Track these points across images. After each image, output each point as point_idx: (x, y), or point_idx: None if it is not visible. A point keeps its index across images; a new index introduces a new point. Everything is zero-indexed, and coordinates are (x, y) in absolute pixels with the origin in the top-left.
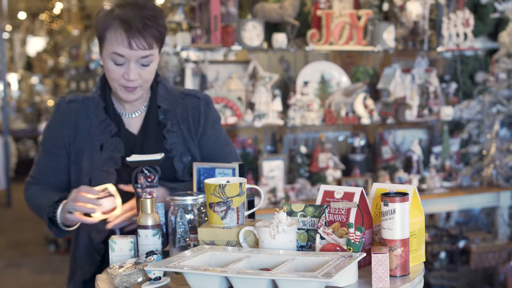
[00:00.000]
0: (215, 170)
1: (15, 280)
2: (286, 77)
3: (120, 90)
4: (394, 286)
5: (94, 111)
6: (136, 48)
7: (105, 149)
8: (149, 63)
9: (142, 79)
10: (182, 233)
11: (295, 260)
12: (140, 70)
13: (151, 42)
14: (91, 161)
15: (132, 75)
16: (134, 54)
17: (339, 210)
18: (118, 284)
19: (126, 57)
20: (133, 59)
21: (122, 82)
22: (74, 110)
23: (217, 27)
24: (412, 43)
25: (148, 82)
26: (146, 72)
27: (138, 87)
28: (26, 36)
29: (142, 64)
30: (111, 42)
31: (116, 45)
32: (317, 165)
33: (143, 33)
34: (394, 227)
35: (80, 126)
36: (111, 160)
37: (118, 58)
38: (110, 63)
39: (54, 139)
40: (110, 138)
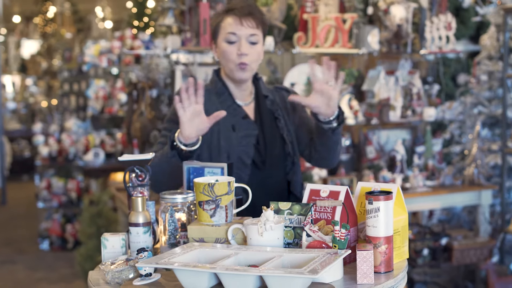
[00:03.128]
0: (204, 169)
1: (9, 277)
2: (274, 79)
3: (236, 69)
4: (378, 282)
5: (217, 98)
6: (245, 25)
7: (239, 129)
8: (256, 42)
9: (252, 57)
10: (172, 230)
11: (282, 257)
12: (249, 47)
13: (257, 22)
14: (228, 140)
15: (244, 49)
16: (244, 32)
17: (324, 208)
18: (110, 280)
19: (238, 34)
20: (243, 36)
21: (236, 60)
22: None
23: (206, 30)
24: (396, 46)
25: (255, 63)
26: (254, 51)
27: (249, 65)
28: (21, 39)
29: (251, 42)
30: (225, 27)
31: (229, 27)
32: (303, 165)
33: (250, 14)
34: (378, 225)
35: (209, 111)
36: (247, 137)
37: (231, 36)
38: (225, 45)
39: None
40: (241, 120)
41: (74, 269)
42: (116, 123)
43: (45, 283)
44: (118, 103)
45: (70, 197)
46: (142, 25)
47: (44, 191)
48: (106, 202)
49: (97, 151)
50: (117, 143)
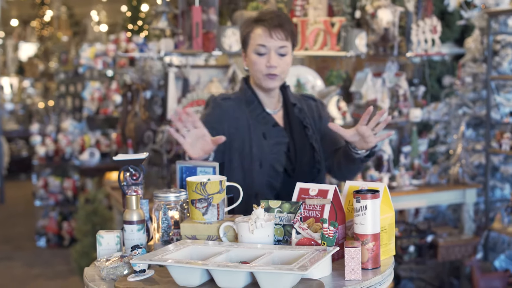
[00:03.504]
0: (197, 168)
1: (7, 273)
2: None
3: (264, 79)
4: (366, 278)
5: (247, 107)
6: (275, 38)
7: (270, 137)
8: (285, 54)
9: (281, 68)
10: (166, 228)
11: (272, 253)
12: (278, 59)
13: (287, 34)
14: (259, 148)
15: (273, 61)
16: (274, 44)
17: (313, 206)
18: (105, 276)
19: (267, 46)
20: (272, 48)
21: (265, 71)
22: (231, 106)
23: (198, 33)
24: (383, 48)
25: (284, 73)
26: (284, 62)
27: (278, 76)
28: (18, 42)
29: (280, 53)
30: (255, 38)
31: (259, 39)
32: None
33: (280, 26)
34: (365, 223)
35: (239, 119)
36: (278, 145)
37: (260, 48)
38: (255, 56)
39: (213, 130)
40: (272, 127)
41: (70, 265)
42: (111, 123)
43: (42, 279)
44: (113, 104)
45: (66, 195)
46: (136, 28)
47: (41, 189)
48: (101, 201)
49: (92, 151)
50: (112, 143)
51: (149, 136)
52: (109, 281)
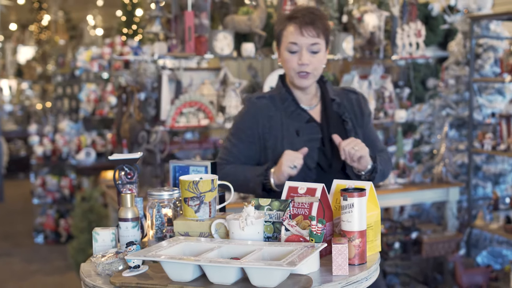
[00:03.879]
0: (189, 167)
1: (6, 268)
2: (254, 83)
3: (296, 77)
4: (353, 274)
5: (282, 104)
6: (306, 35)
7: (302, 134)
8: (318, 51)
9: (313, 66)
10: (159, 225)
11: (262, 250)
12: (310, 57)
13: (318, 31)
14: (292, 145)
15: (304, 59)
16: (305, 42)
17: (302, 204)
18: (101, 272)
19: (299, 44)
20: (304, 46)
21: (297, 68)
22: (265, 105)
23: (191, 37)
24: (369, 52)
25: (317, 71)
26: (316, 59)
27: (310, 74)
28: (17, 45)
29: (312, 51)
30: (287, 36)
31: (291, 36)
32: None
33: (311, 24)
34: (352, 220)
35: (273, 118)
36: (311, 141)
37: (292, 46)
38: (287, 54)
39: (248, 129)
40: (305, 124)
41: (67, 261)
42: (106, 124)
43: (40, 275)
44: (108, 105)
45: (63, 193)
46: (131, 32)
47: (39, 188)
48: (97, 199)
49: (88, 151)
50: (107, 143)
51: (143, 136)
52: (104, 277)
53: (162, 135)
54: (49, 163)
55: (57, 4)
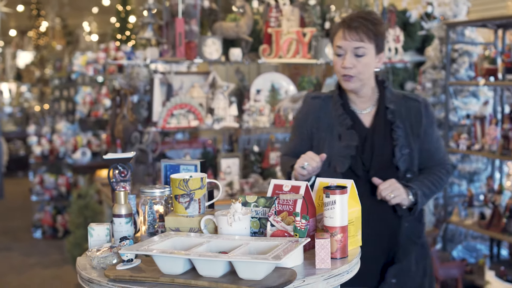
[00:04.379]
0: (180, 166)
1: (6, 262)
2: (241, 86)
3: (341, 80)
4: (335, 267)
5: (333, 107)
6: (349, 39)
7: (343, 139)
8: (362, 55)
9: (357, 70)
10: (151, 221)
11: (249, 244)
12: (354, 60)
13: (362, 36)
14: (331, 149)
15: (347, 62)
16: (349, 45)
17: (287, 201)
18: (96, 265)
19: (343, 47)
20: (348, 49)
21: (341, 71)
22: (318, 105)
23: (181, 43)
24: None
25: (363, 74)
26: (361, 63)
27: (354, 77)
28: (16, 50)
29: (356, 54)
30: (335, 40)
31: (337, 40)
32: (268, 162)
33: (356, 28)
34: (334, 216)
35: (322, 119)
36: (348, 148)
37: (338, 49)
38: (334, 57)
39: (301, 127)
40: (346, 130)
41: (64, 255)
42: (101, 125)
43: (38, 268)
44: (103, 107)
45: (60, 191)
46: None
47: (37, 186)
48: (93, 196)
49: (84, 150)
50: (102, 143)
51: (136, 137)
52: (99, 270)
53: (154, 136)
54: (47, 162)
55: (54, 11)
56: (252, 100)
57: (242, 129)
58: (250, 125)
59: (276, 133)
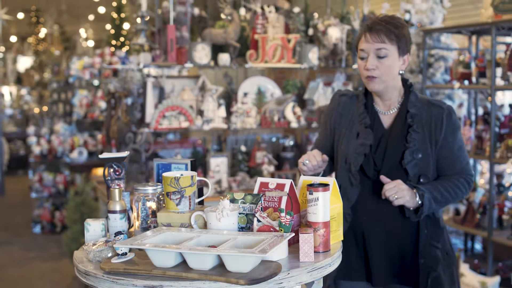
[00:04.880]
0: (171, 165)
1: (7, 256)
2: (229, 89)
3: (366, 82)
4: (318, 260)
5: (357, 105)
6: (370, 41)
7: (360, 137)
8: (384, 56)
9: (380, 71)
10: (144, 217)
11: (237, 239)
12: (377, 62)
13: (383, 37)
14: (348, 145)
15: (369, 64)
16: (370, 47)
17: (272, 198)
18: (92, 259)
19: (365, 50)
20: (370, 51)
21: (364, 73)
22: (343, 102)
23: (172, 48)
24: (332, 61)
25: (386, 76)
26: (383, 65)
27: (377, 78)
28: (17, 55)
29: (378, 56)
30: (359, 44)
31: (360, 44)
32: (254, 161)
33: (377, 30)
34: (317, 212)
35: (345, 115)
36: (362, 146)
37: (361, 52)
38: (359, 60)
39: (326, 122)
40: (364, 129)
41: (62, 249)
42: (97, 126)
43: (38, 261)
44: (99, 109)
45: (58, 188)
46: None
47: (37, 183)
48: (89, 193)
49: (81, 150)
50: (98, 143)
51: (130, 137)
52: (95, 263)
53: (147, 136)
54: (46, 161)
55: (53, 19)
56: (239, 103)
57: (230, 130)
58: (238, 126)
59: (262, 133)
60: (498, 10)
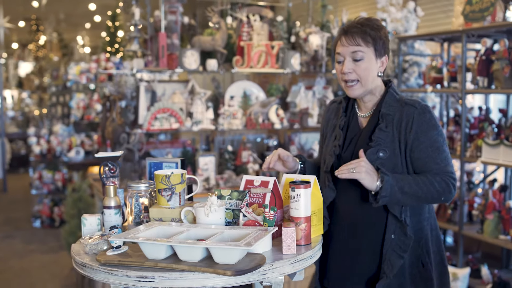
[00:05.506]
0: (163, 163)
1: (9, 248)
2: (217, 93)
3: (344, 86)
4: (300, 253)
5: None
6: (346, 44)
7: (335, 139)
8: (360, 59)
9: (356, 74)
10: (137, 212)
11: (224, 232)
12: (353, 65)
13: (358, 40)
14: (327, 147)
15: (345, 68)
16: (346, 50)
17: (257, 194)
18: (88, 251)
19: (342, 53)
20: (346, 54)
21: (342, 77)
22: (332, 108)
23: (164, 54)
24: (313, 67)
25: (363, 79)
26: (359, 68)
27: (355, 82)
28: (18, 61)
29: (354, 58)
30: (336, 48)
31: (337, 47)
32: (240, 160)
33: (352, 33)
34: (299, 208)
35: (331, 120)
36: (335, 147)
37: (337, 56)
38: (336, 65)
39: (321, 129)
40: (338, 130)
41: (60, 242)
42: (93, 127)
43: (38, 253)
44: (95, 111)
45: (57, 185)
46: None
47: (37, 181)
48: (85, 190)
49: (78, 150)
50: (94, 143)
51: (124, 138)
52: (91, 255)
53: (140, 137)
54: (45, 160)
55: (52, 27)
56: (226, 105)
57: (217, 131)
58: (225, 127)
59: (247, 134)
60: (468, 19)
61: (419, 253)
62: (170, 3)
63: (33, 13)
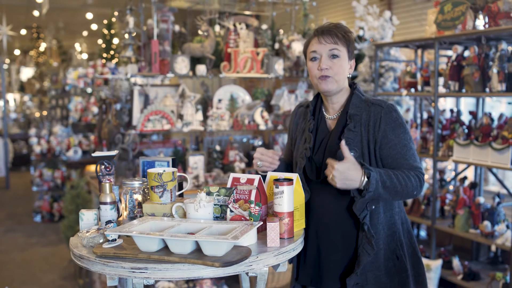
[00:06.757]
0: (155, 162)
1: (11, 241)
2: (206, 96)
3: (318, 82)
4: (283, 246)
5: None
6: (324, 42)
7: (305, 141)
8: (338, 55)
9: (333, 71)
10: (131, 207)
11: (212, 227)
12: (330, 62)
13: (336, 39)
14: (297, 150)
15: (323, 64)
16: (324, 48)
17: (243, 191)
18: (86, 244)
19: (318, 51)
20: (323, 52)
21: (317, 74)
22: (299, 112)
23: (156, 60)
24: (296, 72)
25: (339, 76)
26: (336, 65)
27: (331, 78)
28: (20, 67)
29: (332, 55)
30: (309, 47)
31: (311, 47)
32: (227, 159)
33: (330, 32)
34: (282, 203)
35: (300, 124)
36: (305, 149)
37: (312, 54)
38: (309, 63)
39: (288, 133)
40: (308, 133)
41: (59, 236)
42: (90, 128)
43: (38, 246)
44: (92, 114)
45: (56, 183)
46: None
47: (37, 178)
48: (83, 187)
49: (76, 149)
50: (91, 143)
51: (119, 138)
52: (88, 248)
53: (134, 137)
54: (45, 159)
55: (51, 35)
56: (214, 108)
57: (206, 131)
58: (213, 129)
59: (234, 135)
60: (440, 27)
61: (393, 246)
62: (162, 12)
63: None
